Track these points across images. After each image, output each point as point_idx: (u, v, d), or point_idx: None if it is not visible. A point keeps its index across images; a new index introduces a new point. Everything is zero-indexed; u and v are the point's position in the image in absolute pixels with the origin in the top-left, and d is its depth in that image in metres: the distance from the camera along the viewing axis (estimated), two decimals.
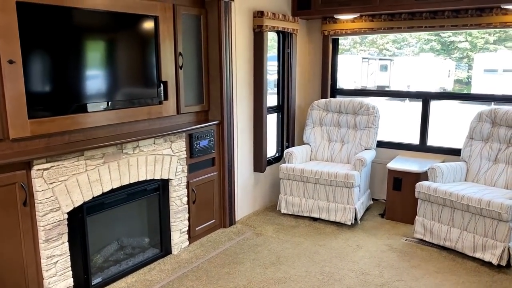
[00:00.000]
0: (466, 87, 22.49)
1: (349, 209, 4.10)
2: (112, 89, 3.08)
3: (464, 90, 22.02)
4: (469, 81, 22.39)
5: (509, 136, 3.82)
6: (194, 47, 3.76)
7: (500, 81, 17.45)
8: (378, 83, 20.59)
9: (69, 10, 2.73)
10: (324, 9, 4.69)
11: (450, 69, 20.70)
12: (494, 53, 18.27)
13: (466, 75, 23.43)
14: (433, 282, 3.10)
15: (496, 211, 3.21)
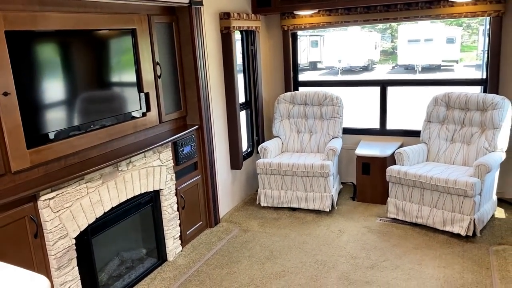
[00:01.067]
0: (391, 56, 23.81)
1: (326, 196, 4.38)
2: (100, 108, 3.06)
3: (389, 61, 23.30)
4: (394, 51, 23.70)
5: (463, 117, 4.26)
6: (168, 55, 3.77)
7: (422, 50, 18.70)
8: (310, 59, 21.17)
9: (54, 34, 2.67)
10: (284, 6, 4.84)
11: (376, 41, 21.68)
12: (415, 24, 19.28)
13: (390, 46, 24.77)
14: (415, 258, 3.46)
15: (462, 188, 3.61)
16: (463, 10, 4.33)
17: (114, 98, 3.20)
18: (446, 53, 19.10)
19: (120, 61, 3.23)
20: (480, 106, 4.14)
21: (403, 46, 19.53)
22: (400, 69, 20.06)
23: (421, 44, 18.81)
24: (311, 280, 3.24)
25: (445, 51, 19.02)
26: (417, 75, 18.75)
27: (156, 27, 3.55)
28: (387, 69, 21.49)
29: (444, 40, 19.02)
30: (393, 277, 3.21)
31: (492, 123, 4.02)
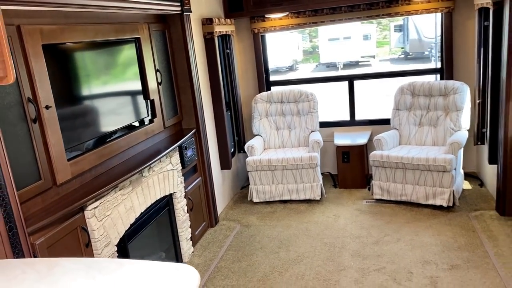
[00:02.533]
0: (312, 56, 24.99)
1: (316, 186, 4.69)
2: (119, 117, 3.10)
3: (310, 60, 24.44)
4: (314, 50, 24.89)
5: (427, 103, 4.78)
6: (165, 61, 3.86)
7: (342, 48, 19.87)
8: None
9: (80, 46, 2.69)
10: (256, 10, 5.07)
11: (298, 41, 22.58)
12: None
13: (310, 46, 25.99)
14: (410, 231, 3.88)
15: (442, 164, 4.10)
16: (418, 7, 4.86)
17: (128, 107, 3.25)
18: (364, 49, 20.44)
19: (131, 70, 3.28)
20: (443, 92, 4.68)
21: (324, 45, 20.50)
22: (322, 67, 21.06)
23: (341, 42, 19.91)
24: (328, 260, 3.52)
25: (363, 48, 20.34)
26: (339, 71, 19.82)
27: (153, 35, 3.62)
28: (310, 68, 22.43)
29: (361, 37, 20.32)
30: (399, 249, 3.59)
31: (455, 105, 4.57)
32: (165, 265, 1.59)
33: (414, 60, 19.50)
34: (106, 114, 2.96)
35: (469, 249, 3.47)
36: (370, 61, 20.71)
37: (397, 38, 22.27)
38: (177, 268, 1.55)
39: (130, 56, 3.28)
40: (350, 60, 20.16)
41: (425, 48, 19.12)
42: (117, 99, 3.13)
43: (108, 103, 3.01)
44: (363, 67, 19.50)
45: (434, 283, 3.07)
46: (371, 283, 3.15)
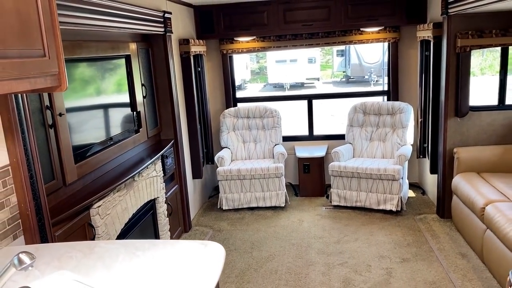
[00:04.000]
0: (259, 76, 25.87)
1: (281, 194, 5.15)
2: (113, 126, 3.39)
3: (258, 80, 25.29)
4: (260, 71, 25.80)
5: (377, 121, 5.42)
6: (148, 77, 4.19)
7: (288, 70, 20.84)
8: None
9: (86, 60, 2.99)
10: (226, 32, 5.53)
11: (246, 61, 23.31)
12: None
13: (257, 66, 26.90)
14: (366, 232, 4.41)
15: (391, 174, 4.70)
16: (369, 37, 5.53)
17: (120, 117, 3.54)
18: (308, 72, 21.52)
19: (124, 84, 3.59)
20: (390, 111, 5.34)
21: (272, 66, 21.36)
22: (270, 87, 21.87)
23: (287, 64, 20.86)
24: (297, 258, 3.95)
25: (308, 70, 21.42)
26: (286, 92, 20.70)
27: (140, 52, 3.96)
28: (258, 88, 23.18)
29: (306, 60, 21.38)
30: (357, 246, 4.10)
31: (401, 123, 5.24)
32: (193, 242, 1.95)
33: (355, 83, 20.74)
34: (104, 123, 3.24)
35: (416, 245, 4.05)
36: (314, 83, 21.72)
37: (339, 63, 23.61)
38: (205, 244, 1.92)
39: (122, 71, 3.59)
40: (296, 82, 21.10)
41: (365, 73, 20.39)
42: (113, 110, 3.42)
43: (106, 113, 3.30)
44: (308, 89, 20.47)
45: (389, 273, 3.59)
46: (336, 275, 3.61)
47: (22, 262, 1.38)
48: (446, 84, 4.34)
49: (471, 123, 4.41)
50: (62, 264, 1.80)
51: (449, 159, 4.47)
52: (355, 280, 3.52)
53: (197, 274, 1.67)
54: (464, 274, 3.49)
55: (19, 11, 1.57)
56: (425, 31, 4.75)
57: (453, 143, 4.45)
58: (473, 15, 4.05)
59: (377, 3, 5.18)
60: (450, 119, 4.41)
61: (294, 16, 5.36)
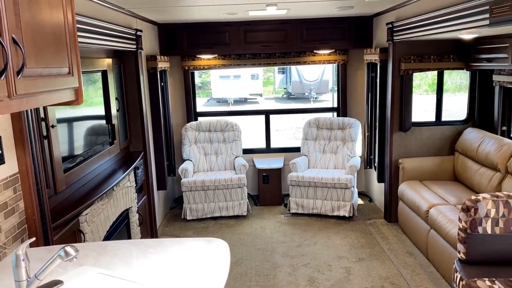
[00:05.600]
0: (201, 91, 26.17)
1: (243, 203, 5.44)
2: (93, 137, 3.54)
3: (200, 94, 25.57)
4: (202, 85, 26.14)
5: (329, 135, 5.91)
6: (120, 91, 4.35)
7: (232, 85, 21.36)
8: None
9: None
10: (189, 50, 5.79)
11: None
12: None
13: (199, 81, 27.21)
14: (323, 236, 4.81)
15: (344, 183, 5.16)
16: (321, 59, 6.04)
17: (98, 129, 3.69)
18: (252, 88, 22.13)
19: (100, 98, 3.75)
20: (341, 126, 5.85)
21: (216, 82, 21.73)
22: (213, 102, 22.20)
23: (231, 80, 21.34)
24: (263, 261, 4.25)
25: (251, 86, 22.03)
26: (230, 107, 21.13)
27: (113, 68, 4.13)
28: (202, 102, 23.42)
29: (249, 76, 21.99)
30: (317, 249, 4.48)
31: (350, 137, 5.75)
32: (198, 240, 2.20)
33: (296, 99, 21.51)
34: (85, 134, 3.38)
35: (369, 246, 4.50)
36: (257, 98, 22.27)
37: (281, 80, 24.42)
38: (209, 241, 2.18)
39: (100, 86, 3.75)
40: (239, 97, 21.56)
41: (305, 90, 21.23)
42: (92, 122, 3.56)
43: (86, 125, 3.44)
44: (251, 104, 20.99)
45: (348, 271, 3.99)
46: (302, 275, 3.95)
47: (68, 254, 1.57)
48: (391, 102, 4.89)
49: (413, 137, 4.98)
50: (80, 261, 1.98)
51: (395, 169, 5.01)
52: (319, 278, 3.88)
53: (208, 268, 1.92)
54: (412, 269, 3.97)
55: (55, 34, 1.79)
56: (372, 54, 5.31)
57: (398, 155, 5.00)
58: (415, 43, 4.64)
59: (329, 28, 5.70)
60: (395, 133, 4.96)
61: (254, 37, 5.74)
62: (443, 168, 4.83)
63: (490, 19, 2.78)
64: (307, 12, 5.09)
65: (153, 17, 5.01)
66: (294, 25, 5.67)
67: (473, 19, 3.03)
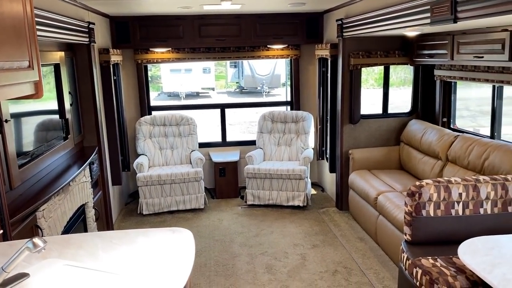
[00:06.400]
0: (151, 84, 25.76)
1: (200, 196, 5.49)
2: (47, 132, 3.47)
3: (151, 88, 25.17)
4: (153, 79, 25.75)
5: (284, 128, 6.07)
6: (72, 85, 4.27)
7: (183, 79, 21.21)
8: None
9: None
10: (143, 43, 5.74)
11: None
12: None
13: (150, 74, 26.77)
14: (279, 225, 4.97)
15: (298, 173, 5.34)
16: (274, 53, 6.18)
17: (53, 124, 3.62)
18: (204, 82, 22.06)
19: (53, 91, 3.67)
20: (294, 119, 6.03)
21: (166, 75, 21.46)
22: (164, 96, 21.94)
23: (182, 74, 21.15)
24: (222, 252, 4.34)
25: (203, 80, 21.95)
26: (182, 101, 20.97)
27: (66, 61, 4.05)
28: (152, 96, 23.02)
29: (201, 70, 21.89)
30: (274, 238, 4.63)
31: (303, 130, 5.95)
32: (161, 230, 2.25)
33: (248, 94, 21.64)
34: (39, 129, 3.31)
35: (322, 233, 4.71)
36: (209, 93, 22.19)
37: (233, 74, 24.45)
38: (173, 231, 2.24)
39: (53, 80, 3.67)
40: (191, 91, 21.40)
41: (258, 84, 21.40)
42: (46, 117, 3.49)
43: (40, 119, 3.36)
44: (204, 98, 20.90)
45: (303, 257, 4.17)
46: (260, 263, 4.09)
47: (37, 245, 1.59)
48: (342, 96, 5.11)
49: (362, 129, 5.24)
50: (44, 255, 1.98)
51: (345, 159, 5.25)
52: (276, 265, 4.03)
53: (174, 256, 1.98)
54: (363, 253, 4.21)
55: (15, 26, 1.78)
56: (323, 50, 5.51)
57: (348, 146, 5.24)
58: (363, 39, 4.88)
59: (282, 24, 5.84)
60: (346, 125, 5.19)
61: (208, 31, 5.78)
62: (389, 157, 5.12)
63: (431, 18, 3.01)
64: (261, 7, 5.20)
65: (105, 9, 4.93)
66: (248, 20, 5.76)
67: (416, 18, 3.26)
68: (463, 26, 3.36)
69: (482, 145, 3.79)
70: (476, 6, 2.55)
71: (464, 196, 2.95)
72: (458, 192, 2.95)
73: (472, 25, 3.26)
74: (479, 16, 2.55)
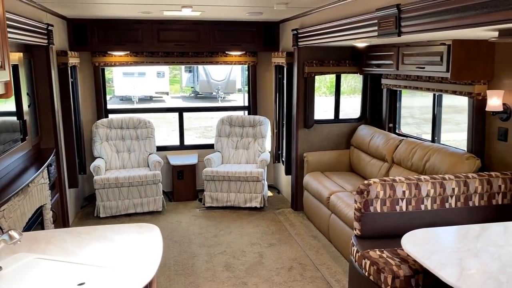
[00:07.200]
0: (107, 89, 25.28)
1: (158, 199, 5.55)
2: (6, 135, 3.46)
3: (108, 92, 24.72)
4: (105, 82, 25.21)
5: (241, 132, 6.25)
6: (30, 86, 4.25)
7: (136, 83, 20.97)
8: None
9: None
10: (101, 46, 5.74)
11: None
12: None
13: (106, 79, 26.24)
14: (237, 226, 5.13)
15: (256, 176, 5.54)
16: (233, 59, 6.36)
17: (9, 125, 3.59)
18: (158, 86, 21.87)
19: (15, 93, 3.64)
20: (252, 123, 6.23)
21: (119, 79, 21.12)
22: (116, 99, 21.56)
23: (135, 78, 20.90)
24: (182, 252, 4.44)
25: (156, 84, 21.76)
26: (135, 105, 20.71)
27: (24, 62, 4.03)
28: None
29: (155, 74, 21.71)
30: (232, 238, 4.78)
31: (261, 134, 6.16)
32: (129, 225, 2.35)
33: (203, 99, 21.66)
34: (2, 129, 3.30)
35: (279, 233, 4.92)
36: (163, 97, 21.98)
37: (188, 78, 24.36)
38: (140, 226, 2.35)
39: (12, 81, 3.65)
40: (145, 95, 21.13)
41: (213, 89, 21.46)
42: (5, 118, 3.46)
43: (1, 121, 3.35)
44: (157, 103, 20.72)
45: (261, 256, 4.35)
46: (218, 261, 4.23)
47: (13, 237, 1.67)
48: (297, 102, 5.37)
49: (315, 133, 5.52)
50: (14, 249, 2.03)
51: (300, 162, 5.50)
52: (235, 263, 4.18)
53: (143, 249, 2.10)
54: (317, 250, 4.45)
55: None
56: (279, 58, 5.76)
57: (303, 149, 5.50)
58: (317, 48, 5.16)
59: (240, 31, 6.03)
60: (301, 130, 5.45)
61: (167, 35, 5.87)
62: (341, 160, 5.43)
63: (379, 31, 3.30)
64: (220, 14, 5.37)
65: (63, 11, 4.91)
66: (207, 27, 5.91)
67: (365, 30, 3.55)
68: (407, 39, 3.69)
69: (423, 148, 4.14)
70: (417, 22, 2.85)
71: (407, 194, 3.24)
72: (402, 190, 3.24)
73: (415, 38, 3.59)
74: (420, 31, 2.85)
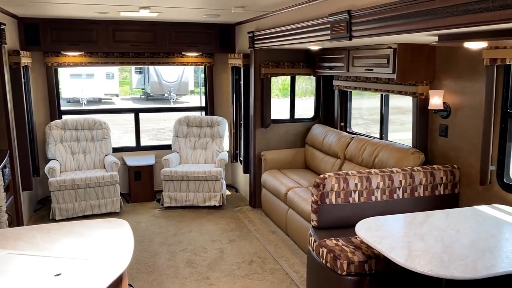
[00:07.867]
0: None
1: (116, 200, 5.53)
2: None
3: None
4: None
5: (199, 132, 6.34)
6: None
7: (85, 85, 20.43)
8: None
9: None
10: (54, 46, 5.64)
11: None
12: None
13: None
14: (197, 224, 5.22)
15: (214, 175, 5.64)
16: (189, 60, 6.44)
17: None
18: (107, 88, 21.40)
19: None
20: (210, 124, 6.33)
21: (65, 81, 20.49)
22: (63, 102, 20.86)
23: (83, 79, 20.36)
24: (142, 251, 4.48)
25: (106, 86, 21.29)
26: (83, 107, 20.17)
27: None
28: None
29: (104, 76, 21.24)
30: (192, 236, 4.86)
31: (218, 134, 6.27)
32: (98, 221, 2.41)
33: (155, 100, 21.39)
34: None
35: (238, 229, 5.05)
36: (112, 99, 21.51)
37: (138, 79, 23.96)
38: (109, 221, 2.41)
39: None
40: (93, 97, 20.58)
41: (165, 91, 21.24)
42: None
43: None
44: (107, 105, 20.21)
45: (221, 252, 4.47)
46: (180, 258, 4.30)
47: None
48: (254, 102, 5.54)
49: (272, 132, 5.71)
50: None
51: (258, 160, 5.67)
52: (196, 260, 4.27)
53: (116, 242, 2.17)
54: (275, 244, 4.63)
55: None
56: (235, 59, 5.90)
57: (261, 148, 5.67)
58: (272, 50, 5.34)
59: (196, 33, 6.12)
60: (258, 129, 5.62)
61: (123, 36, 5.85)
62: (297, 158, 5.65)
63: (331, 35, 3.52)
64: (177, 16, 5.44)
65: (16, 10, 4.80)
66: (164, 27, 5.95)
67: (319, 34, 3.76)
68: (357, 43, 3.95)
69: (372, 145, 4.42)
70: (366, 27, 3.09)
71: (359, 186, 3.49)
72: (355, 183, 3.48)
73: (364, 42, 3.85)
74: (369, 35, 3.10)
